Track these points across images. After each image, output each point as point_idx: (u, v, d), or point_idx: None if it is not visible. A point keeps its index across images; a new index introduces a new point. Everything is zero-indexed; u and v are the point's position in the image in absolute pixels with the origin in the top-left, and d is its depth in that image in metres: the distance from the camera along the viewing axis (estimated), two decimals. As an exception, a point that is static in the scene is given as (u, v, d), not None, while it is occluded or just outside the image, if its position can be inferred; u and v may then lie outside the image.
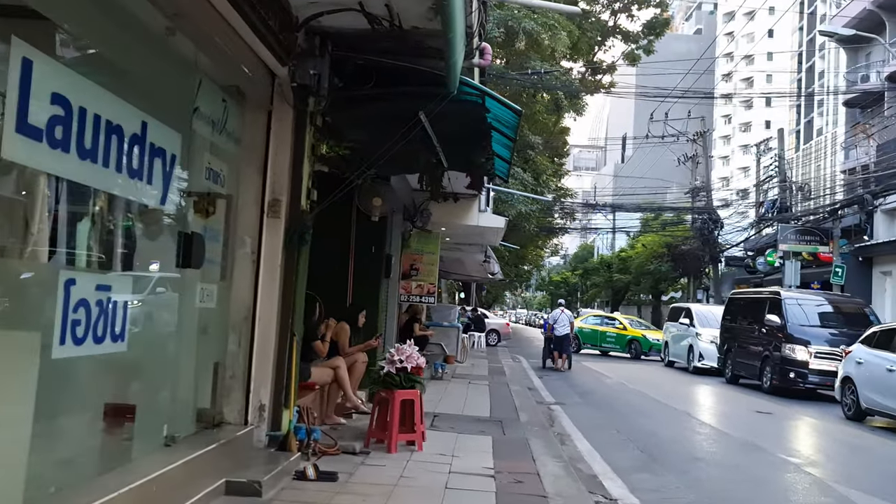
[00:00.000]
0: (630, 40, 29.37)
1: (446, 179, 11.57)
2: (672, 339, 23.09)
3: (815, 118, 72.85)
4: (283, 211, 5.72)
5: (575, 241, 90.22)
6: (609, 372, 19.78)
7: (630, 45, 29.55)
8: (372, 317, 9.32)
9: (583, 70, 29.63)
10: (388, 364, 6.52)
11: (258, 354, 5.60)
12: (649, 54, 31.69)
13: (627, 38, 29.30)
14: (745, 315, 17.67)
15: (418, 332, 14.06)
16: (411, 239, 13.66)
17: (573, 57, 27.64)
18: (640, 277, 45.99)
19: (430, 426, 7.84)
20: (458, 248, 18.40)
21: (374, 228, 9.50)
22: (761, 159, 36.57)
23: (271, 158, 5.72)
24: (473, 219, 13.73)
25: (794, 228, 25.44)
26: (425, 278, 13.69)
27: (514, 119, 6.66)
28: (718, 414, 12.54)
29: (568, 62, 27.78)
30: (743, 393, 15.81)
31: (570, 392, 14.60)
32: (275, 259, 5.70)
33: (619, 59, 30.07)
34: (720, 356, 18.87)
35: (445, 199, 13.55)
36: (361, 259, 9.47)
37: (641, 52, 29.90)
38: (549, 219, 36.35)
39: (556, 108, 27.70)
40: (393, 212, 13.22)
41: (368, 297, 9.39)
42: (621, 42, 29.87)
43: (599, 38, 30.40)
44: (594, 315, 30.60)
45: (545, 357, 20.19)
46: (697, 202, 36.64)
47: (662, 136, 37.76)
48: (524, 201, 24.06)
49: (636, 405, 13.03)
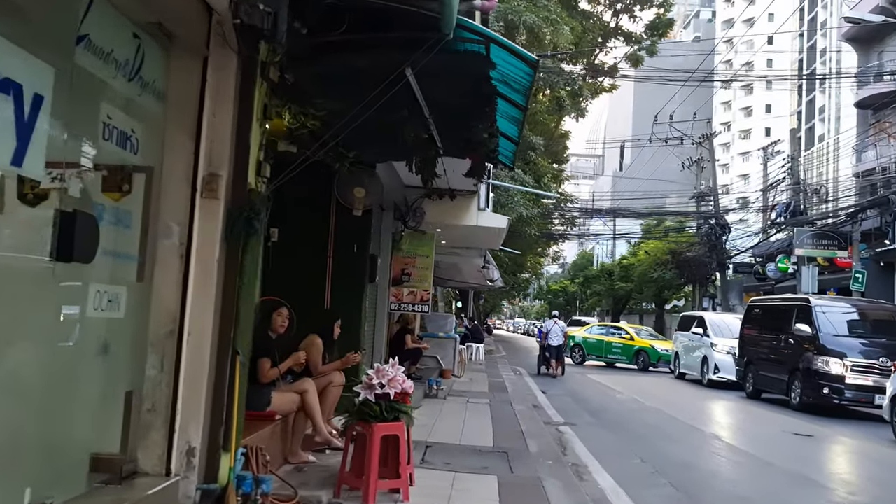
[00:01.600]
0: (632, 41, 28.30)
1: (441, 170, 10.19)
2: (683, 349, 21.68)
3: (817, 124, 71.77)
4: (222, 189, 4.31)
5: (573, 250, 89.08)
6: (618, 385, 18.37)
7: (632, 46, 28.51)
8: (353, 327, 7.92)
9: (583, 73, 28.36)
10: (366, 389, 5.09)
11: (187, 380, 4.17)
12: (652, 55, 30.62)
13: (629, 39, 28.21)
14: (767, 324, 16.26)
15: (411, 344, 12.65)
16: (403, 241, 12.26)
17: (573, 59, 26.37)
18: (643, 285, 44.63)
19: (421, 462, 6.41)
20: (455, 253, 16.98)
21: (356, 225, 8.11)
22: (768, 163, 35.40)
23: (207, 120, 4.31)
24: (472, 218, 12.33)
25: (811, 232, 24.08)
26: (418, 284, 12.27)
27: (526, 77, 5.26)
28: (751, 437, 11.11)
29: (569, 65, 26.64)
30: (769, 410, 14.38)
31: (580, 410, 13.18)
32: (211, 253, 4.28)
33: (621, 60, 28.98)
34: (739, 368, 17.45)
35: (441, 196, 12.17)
36: (342, 260, 8.06)
37: (644, 52, 28.87)
38: (549, 225, 35.06)
39: (557, 108, 26.46)
40: (383, 210, 11.82)
41: (349, 304, 7.98)
42: (623, 43, 28.79)
43: (601, 40, 29.29)
44: (599, 325, 29.17)
45: (539, 364, 21.85)
46: (703, 207, 35.40)
47: (666, 139, 36.54)
48: (525, 204, 22.70)
49: (656, 426, 11.60)
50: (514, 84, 5.35)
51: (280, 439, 5.75)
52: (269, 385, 5.66)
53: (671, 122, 34.63)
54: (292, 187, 8.00)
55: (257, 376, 5.55)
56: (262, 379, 5.63)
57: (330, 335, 6.79)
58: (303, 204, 8.04)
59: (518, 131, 6.73)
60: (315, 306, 7.90)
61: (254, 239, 4.49)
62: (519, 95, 5.56)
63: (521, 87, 5.36)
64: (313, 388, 5.92)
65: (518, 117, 6.25)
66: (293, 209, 8.03)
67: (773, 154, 40.13)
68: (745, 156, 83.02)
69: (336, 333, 6.91)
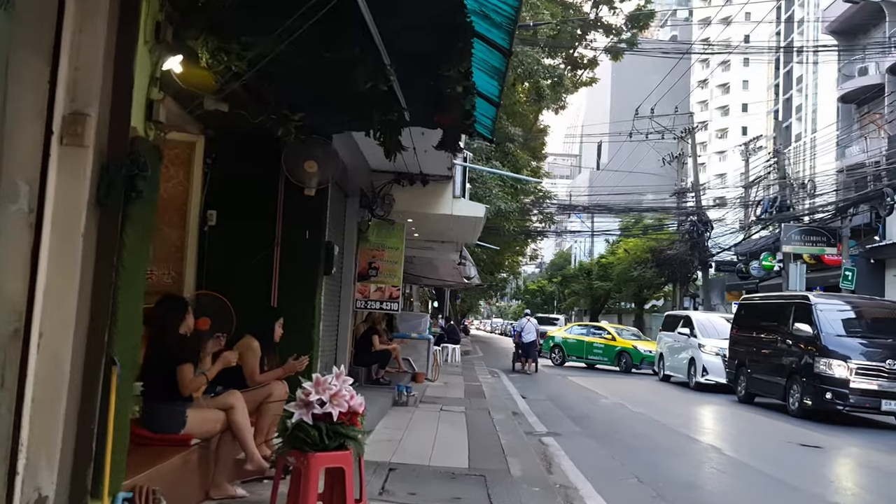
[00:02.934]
0: (612, 33, 27.46)
1: (409, 144, 9.04)
2: (668, 350, 20.68)
3: (794, 123, 71.63)
4: (91, 134, 3.10)
5: (551, 249, 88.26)
6: (601, 389, 17.30)
7: (612, 37, 27.73)
8: (305, 327, 6.71)
9: (564, 64, 27.34)
10: (301, 408, 3.88)
11: (38, 401, 2.97)
12: (633, 47, 29.90)
13: (609, 31, 27.32)
14: (761, 323, 15.25)
15: (378, 346, 11.44)
16: (370, 231, 11.06)
17: (552, 53, 25.34)
18: (622, 284, 43.73)
19: (380, 493, 5.23)
20: (429, 247, 15.80)
21: (309, 206, 6.89)
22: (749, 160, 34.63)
23: (70, 37, 3.11)
24: (446, 206, 11.18)
25: (799, 228, 23.20)
26: (387, 279, 11.07)
27: (509, 8, 4.10)
28: (754, 449, 10.03)
29: (548, 58, 25.64)
30: (766, 416, 13.36)
31: (563, 417, 12.07)
32: (74, 223, 3.08)
33: (601, 53, 28.11)
34: (730, 371, 16.45)
35: (411, 181, 11.02)
36: (292, 248, 6.85)
37: (624, 45, 28.07)
38: (527, 222, 34.02)
39: (537, 98, 25.34)
40: (347, 196, 10.63)
41: (300, 300, 6.77)
42: (603, 35, 27.97)
43: (580, 32, 28.41)
44: (580, 325, 28.15)
45: (514, 361, 22.51)
46: (684, 204, 34.58)
47: (647, 134, 35.70)
48: (503, 198, 21.61)
49: (649, 436, 10.50)
50: (494, 16, 4.18)
51: (198, 470, 4.52)
52: (185, 401, 4.44)
53: (653, 115, 33.71)
54: (234, 163, 6.82)
55: (176, 388, 4.35)
56: (183, 391, 4.42)
57: (270, 337, 5.58)
58: (246, 183, 6.83)
59: (499, 89, 5.56)
60: (259, 302, 6.69)
61: (140, 205, 3.27)
62: (501, 32, 4.39)
63: (503, 18, 4.19)
64: (242, 402, 4.70)
65: (500, 68, 5.08)
66: (235, 188, 6.84)
67: (754, 150, 39.47)
68: (721, 155, 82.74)
69: (278, 335, 5.71)
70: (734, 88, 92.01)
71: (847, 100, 33.50)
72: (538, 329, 22.61)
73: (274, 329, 5.59)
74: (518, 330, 22.51)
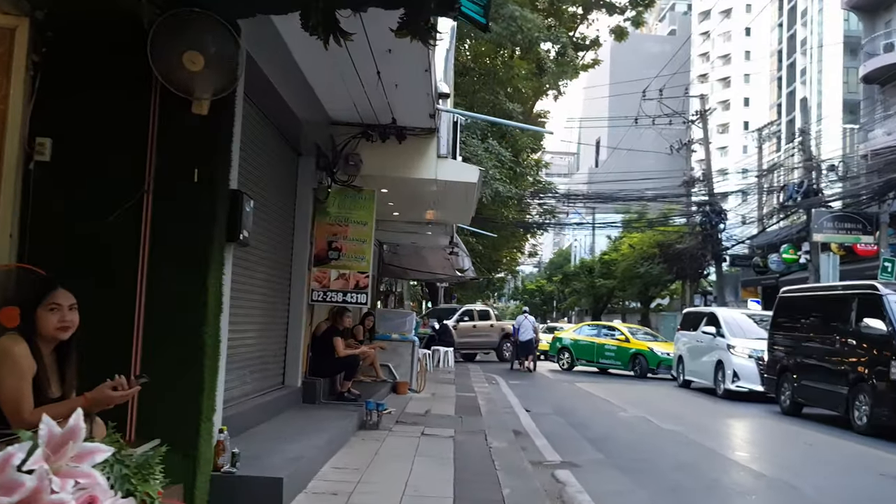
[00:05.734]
0: (616, 11, 25.23)
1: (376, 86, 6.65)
2: (689, 352, 18.17)
3: (797, 116, 69.17)
4: None
5: (549, 249, 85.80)
6: (616, 398, 14.82)
7: (616, 16, 25.55)
8: (186, 324, 4.19)
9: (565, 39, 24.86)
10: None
11: None
12: (638, 27, 27.75)
13: (612, 9, 25.10)
14: (811, 321, 12.76)
15: (343, 350, 8.90)
16: (330, 201, 8.55)
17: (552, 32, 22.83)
18: (627, 282, 41.24)
19: None
20: (413, 230, 13.25)
21: (199, 133, 4.35)
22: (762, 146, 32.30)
23: None
24: (429, 168, 8.67)
25: (832, 214, 20.72)
26: (352, 263, 8.55)
27: None
28: (841, 486, 7.50)
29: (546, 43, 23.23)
30: (826, 433, 10.86)
31: (579, 438, 9.59)
32: None
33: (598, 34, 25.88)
34: (769, 377, 13.96)
35: (384, 136, 8.51)
36: (170, 198, 4.32)
37: (629, 24, 25.82)
38: (526, 215, 31.55)
39: (538, 72, 22.86)
40: (299, 155, 8.16)
41: (182, 279, 4.25)
42: (605, 14, 25.76)
43: (581, 11, 26.15)
44: (590, 325, 25.64)
45: (512, 360, 22.43)
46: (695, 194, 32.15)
47: (653, 119, 33.26)
48: (501, 180, 19.11)
49: (695, 466, 7.98)
50: None
51: None
52: None
53: (661, 97, 31.24)
54: (79, 64, 4.33)
55: None
56: None
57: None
58: (98, 95, 4.33)
59: None
60: (115, 283, 4.19)
61: None
62: None
63: None
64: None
65: None
66: (79, 104, 4.34)
67: (767, 137, 37.03)
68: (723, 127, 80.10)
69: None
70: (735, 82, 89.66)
71: (870, 80, 31.07)
72: (536, 326, 22.41)
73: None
74: (516, 327, 22.09)
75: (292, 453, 5.34)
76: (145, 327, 4.17)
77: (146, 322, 4.18)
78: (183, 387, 4.15)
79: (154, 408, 4.04)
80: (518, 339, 21.68)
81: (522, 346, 21.56)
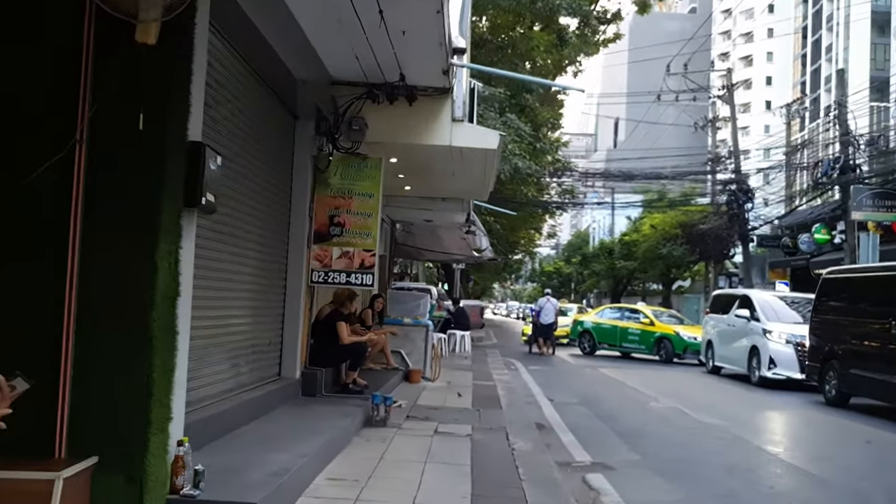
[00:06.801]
0: (639, -20, 24.00)
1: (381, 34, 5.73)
2: (719, 337, 17.14)
3: (822, 95, 67.28)
4: None
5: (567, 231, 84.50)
6: (643, 385, 13.87)
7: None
8: (130, 308, 3.29)
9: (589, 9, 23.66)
10: None
11: None
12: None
13: (635, -19, 23.90)
14: (861, 304, 11.71)
15: (347, 338, 7.99)
16: (331, 170, 7.62)
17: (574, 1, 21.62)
18: (648, 263, 40.11)
19: None
20: (426, 206, 12.29)
21: (147, 68, 3.42)
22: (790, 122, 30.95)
23: None
24: (442, 134, 7.70)
25: (872, 191, 19.52)
26: (357, 240, 7.63)
27: None
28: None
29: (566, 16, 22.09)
30: (883, 428, 9.85)
31: (608, 433, 8.68)
32: None
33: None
34: (810, 364, 12.94)
35: (392, 97, 7.54)
36: (109, 151, 3.39)
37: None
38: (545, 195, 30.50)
39: (559, 43, 21.72)
40: (296, 118, 7.27)
41: (126, 254, 3.34)
42: (627, -17, 24.56)
43: (603, -18, 24.92)
44: (612, 307, 24.63)
45: (531, 343, 21.82)
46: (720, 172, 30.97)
47: (677, 95, 32.04)
48: (521, 154, 18.07)
49: (750, 470, 7.00)
50: None
51: None
52: None
53: (686, 72, 29.95)
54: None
55: None
56: None
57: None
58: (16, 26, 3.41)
59: None
60: (40, 258, 3.29)
61: None
62: None
63: None
64: None
65: None
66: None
67: (796, 113, 35.67)
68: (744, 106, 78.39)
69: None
70: (757, 60, 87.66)
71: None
72: (557, 309, 21.54)
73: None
74: (536, 310, 21.39)
75: (278, 464, 4.45)
76: (78, 314, 3.28)
77: (79, 307, 3.29)
78: (125, 390, 3.26)
79: (88, 416, 3.16)
80: (539, 322, 20.90)
81: (543, 329, 20.82)
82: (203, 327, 5.07)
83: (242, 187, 5.68)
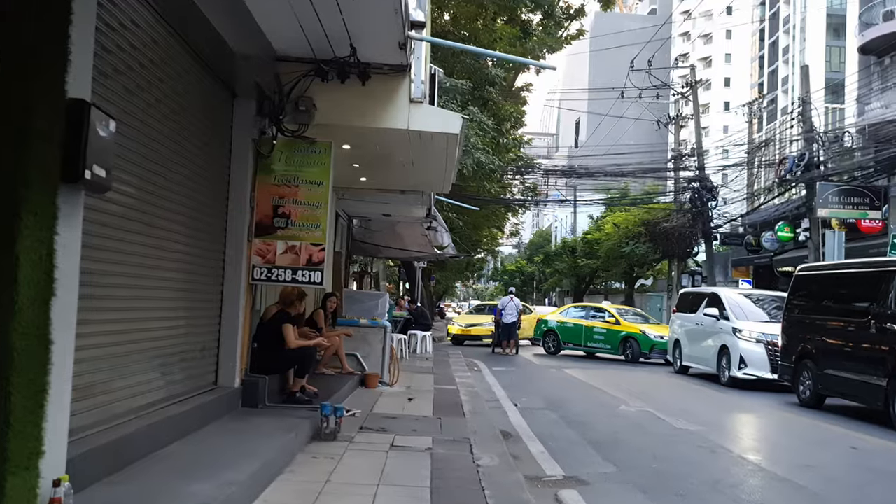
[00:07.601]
0: (603, -26, 23.78)
1: None
2: (686, 336, 16.73)
3: (780, 96, 68.05)
4: None
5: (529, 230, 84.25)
6: (611, 387, 13.33)
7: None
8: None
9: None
10: None
11: None
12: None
13: (597, -27, 23.65)
14: (835, 302, 11.31)
15: (293, 341, 7.22)
16: (275, 155, 6.84)
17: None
18: (611, 262, 39.84)
19: None
20: (384, 199, 11.54)
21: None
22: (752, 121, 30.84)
23: None
24: (399, 116, 6.98)
25: (838, 188, 19.30)
26: (303, 233, 6.86)
27: None
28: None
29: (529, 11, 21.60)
30: (862, 432, 9.40)
31: (579, 441, 8.06)
32: None
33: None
34: (783, 364, 12.52)
35: (343, 75, 6.80)
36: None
37: (613, -9, 24.26)
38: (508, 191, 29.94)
39: (522, 36, 21.15)
40: (234, 96, 6.48)
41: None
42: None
43: (564, -25, 24.48)
44: (576, 306, 24.15)
45: (494, 344, 21.54)
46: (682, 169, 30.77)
47: (640, 92, 31.73)
48: (483, 149, 17.41)
49: (735, 486, 6.39)
50: None
51: None
52: None
53: (650, 68, 29.62)
54: None
55: None
56: None
57: None
58: None
59: None
60: None
61: None
62: None
63: None
64: None
65: None
66: None
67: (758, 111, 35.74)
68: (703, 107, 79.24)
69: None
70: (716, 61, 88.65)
71: (867, 51, 29.60)
72: (520, 309, 21.29)
73: None
74: (499, 309, 21.13)
75: (198, 499, 3.69)
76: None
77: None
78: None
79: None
80: (501, 321, 20.75)
81: (506, 328, 20.66)
82: (114, 332, 4.29)
83: (163, 168, 4.90)
